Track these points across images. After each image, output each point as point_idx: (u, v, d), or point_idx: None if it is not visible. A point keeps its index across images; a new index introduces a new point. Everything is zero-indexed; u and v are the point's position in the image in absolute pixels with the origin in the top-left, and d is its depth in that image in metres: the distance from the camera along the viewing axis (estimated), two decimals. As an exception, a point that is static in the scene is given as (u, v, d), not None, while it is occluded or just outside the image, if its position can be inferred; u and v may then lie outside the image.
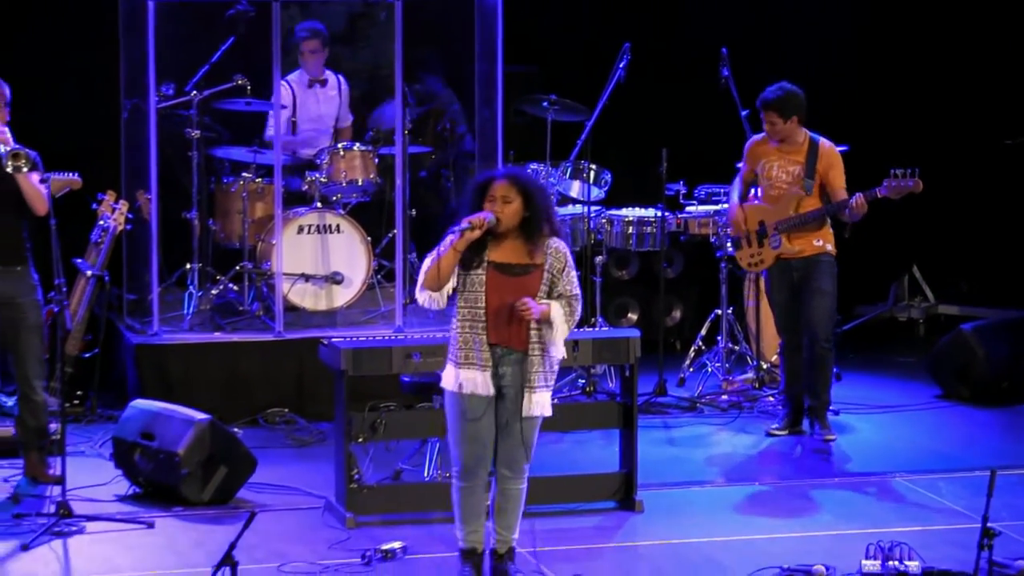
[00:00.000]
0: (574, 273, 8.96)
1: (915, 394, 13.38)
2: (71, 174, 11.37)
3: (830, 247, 11.86)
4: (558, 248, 8.93)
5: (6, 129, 10.60)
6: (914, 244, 15.09)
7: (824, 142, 11.85)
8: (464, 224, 8.71)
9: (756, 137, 12.09)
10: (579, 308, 8.95)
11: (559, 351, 8.94)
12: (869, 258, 13.84)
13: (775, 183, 11.88)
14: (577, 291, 8.93)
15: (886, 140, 13.42)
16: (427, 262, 8.82)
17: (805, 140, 11.85)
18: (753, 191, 12.10)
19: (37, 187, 10.59)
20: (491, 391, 8.85)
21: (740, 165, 12.22)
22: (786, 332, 12.06)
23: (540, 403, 8.91)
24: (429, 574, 9.31)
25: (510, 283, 8.83)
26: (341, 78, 13.81)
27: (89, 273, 12.42)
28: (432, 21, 13.36)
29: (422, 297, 8.86)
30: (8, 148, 10.47)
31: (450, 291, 8.81)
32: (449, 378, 8.91)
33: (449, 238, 8.81)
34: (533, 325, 8.82)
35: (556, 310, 8.81)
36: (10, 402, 11.55)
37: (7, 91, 10.75)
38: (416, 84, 13.86)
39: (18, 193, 10.59)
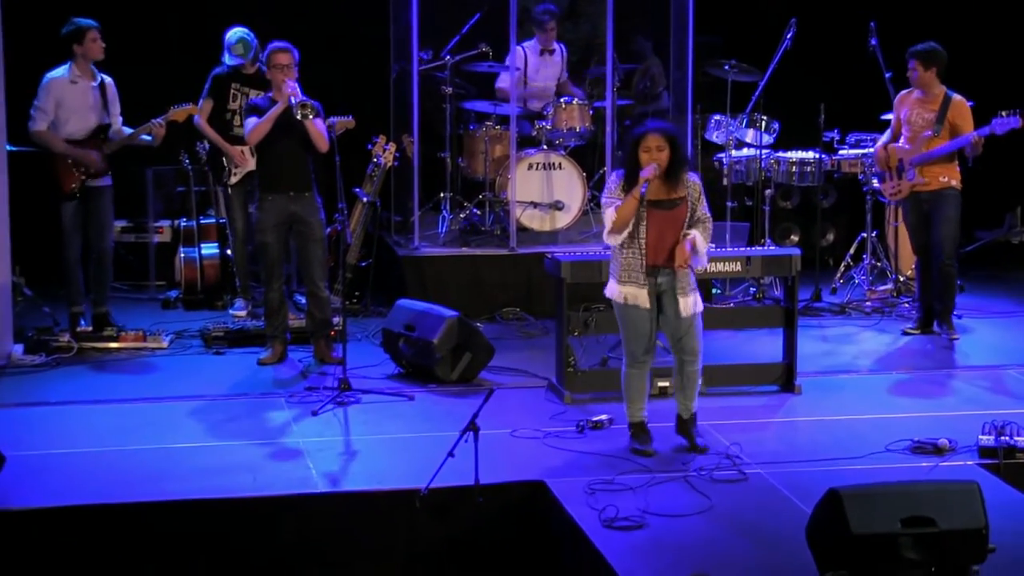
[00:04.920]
0: (705, 199, 8.93)
1: (1025, 303, 13.20)
2: (347, 117, 11.47)
3: (955, 183, 11.65)
4: (694, 180, 8.94)
5: (296, 84, 10.71)
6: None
7: (957, 96, 11.62)
8: (644, 187, 8.67)
9: (903, 92, 11.91)
10: (711, 227, 8.93)
11: (704, 264, 8.92)
12: (988, 191, 13.57)
13: (913, 127, 11.71)
14: (709, 213, 8.93)
15: (1007, 92, 13.08)
16: (609, 212, 8.81)
17: (941, 93, 11.63)
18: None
19: (321, 130, 10.72)
20: (648, 304, 8.85)
21: (890, 116, 12.05)
22: (918, 251, 11.94)
23: (694, 302, 8.92)
24: (629, 441, 9.31)
25: (664, 215, 8.84)
26: (562, 46, 13.80)
27: (365, 200, 12.54)
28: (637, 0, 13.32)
29: (610, 239, 8.88)
30: (298, 99, 10.59)
31: (629, 229, 8.82)
32: (615, 292, 8.98)
33: (620, 185, 8.78)
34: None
35: (700, 238, 8.80)
36: (303, 300, 11.70)
37: (296, 54, 10.84)
38: (626, 49, 13.81)
39: (306, 135, 10.72)
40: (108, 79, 11.63)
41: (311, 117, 10.63)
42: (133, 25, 13.09)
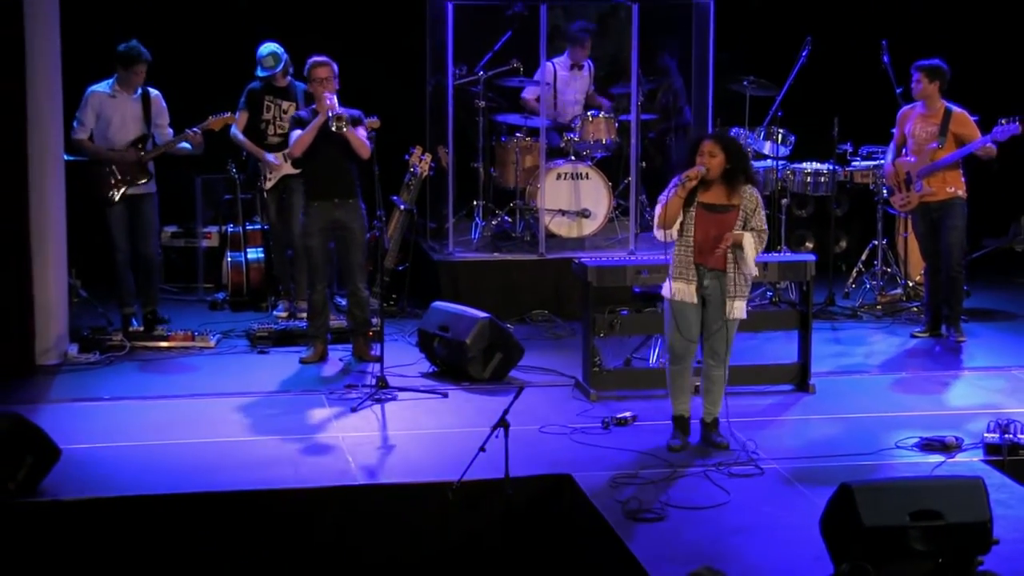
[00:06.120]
0: (763, 212, 8.94)
1: (1029, 307, 13.13)
2: (372, 117, 11.48)
3: (961, 192, 11.63)
4: (752, 192, 8.92)
5: (335, 97, 10.72)
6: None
7: (957, 110, 11.63)
8: (682, 177, 8.75)
9: (905, 107, 11.93)
10: (765, 239, 8.94)
11: (751, 270, 8.92)
12: (994, 200, 13.53)
13: (917, 140, 11.70)
14: (765, 226, 8.94)
15: (1012, 105, 13.02)
16: (658, 208, 8.89)
17: (942, 107, 11.64)
18: (905, 151, 11.90)
19: (361, 138, 10.72)
20: (696, 299, 8.87)
21: (894, 131, 12.04)
22: (927, 258, 11.91)
23: (736, 308, 8.92)
24: (652, 436, 9.31)
25: (713, 219, 8.85)
26: (589, 62, 13.79)
27: (402, 207, 12.54)
28: (661, 17, 13.27)
29: (659, 234, 8.96)
30: (334, 112, 10.61)
31: (678, 226, 8.84)
32: (667, 289, 9.02)
33: (674, 188, 8.84)
34: (729, 250, 8.82)
35: (748, 239, 8.82)
36: (343, 303, 11.73)
37: (335, 67, 10.87)
38: (651, 65, 13.81)
39: (348, 144, 10.72)
40: (154, 92, 11.67)
41: (344, 129, 10.63)
42: (176, 38, 13.10)
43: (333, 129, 10.59)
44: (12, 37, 10.59)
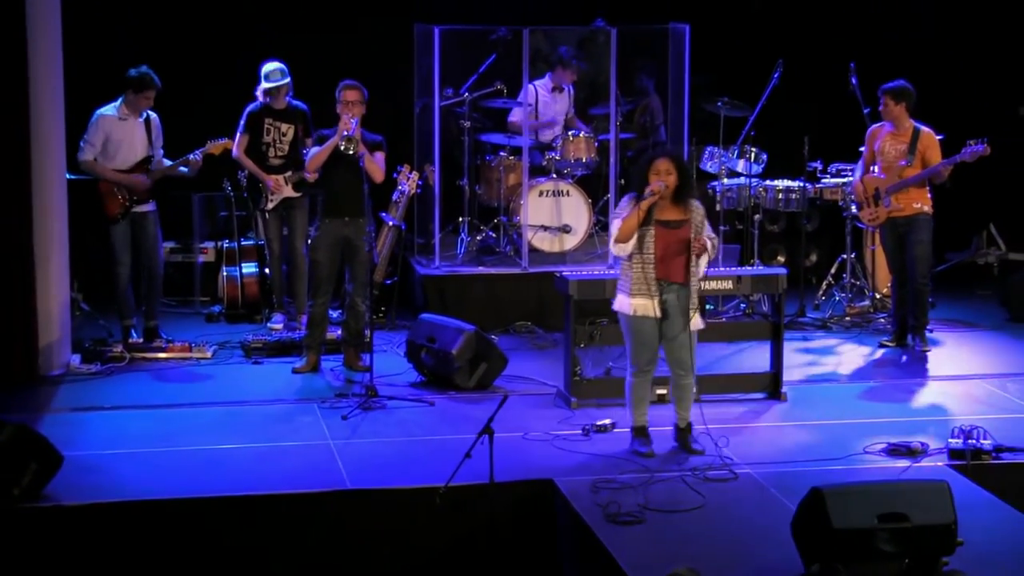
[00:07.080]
0: (709, 224, 9.02)
1: (990, 318, 13.10)
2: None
3: (927, 208, 11.68)
4: (697, 205, 9.06)
5: (356, 121, 10.70)
6: (990, 206, 14.74)
7: (925, 129, 11.67)
8: (649, 192, 8.77)
9: (874, 126, 11.97)
10: (719, 244, 9.02)
11: (701, 273, 8.96)
12: (957, 217, 13.57)
13: (886, 158, 11.73)
14: (714, 233, 9.06)
15: (974, 126, 13.05)
16: (615, 223, 8.91)
17: (910, 127, 11.68)
18: (874, 167, 11.93)
19: (377, 162, 10.73)
20: (658, 313, 8.88)
21: (863, 149, 12.08)
22: (894, 271, 11.94)
23: (696, 319, 8.96)
24: (631, 443, 9.31)
25: (671, 233, 8.92)
26: (570, 85, 13.79)
27: (391, 223, 12.53)
28: (638, 41, 13.32)
29: (616, 248, 8.97)
30: (347, 134, 10.59)
31: (634, 242, 8.86)
32: (625, 305, 9.02)
33: (631, 203, 8.84)
34: (693, 263, 8.86)
35: (709, 244, 8.87)
36: (335, 315, 11.74)
37: (365, 93, 10.88)
38: (630, 86, 13.84)
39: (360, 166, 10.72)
40: (153, 115, 11.66)
41: (351, 151, 10.63)
42: (175, 62, 13.10)
43: (342, 149, 10.61)
44: (15, 52, 10.56)
